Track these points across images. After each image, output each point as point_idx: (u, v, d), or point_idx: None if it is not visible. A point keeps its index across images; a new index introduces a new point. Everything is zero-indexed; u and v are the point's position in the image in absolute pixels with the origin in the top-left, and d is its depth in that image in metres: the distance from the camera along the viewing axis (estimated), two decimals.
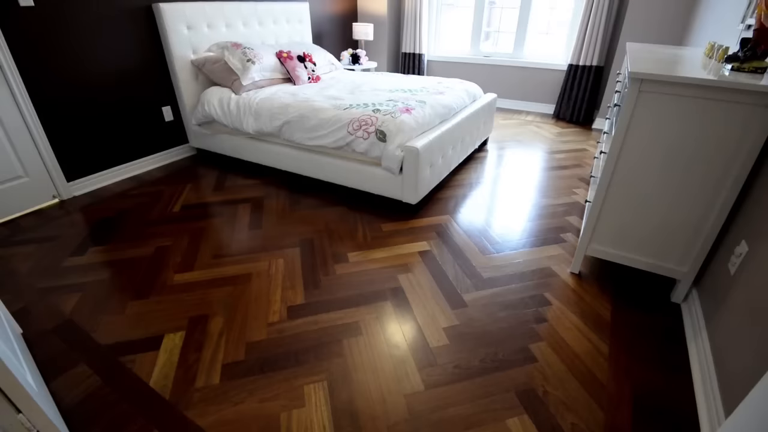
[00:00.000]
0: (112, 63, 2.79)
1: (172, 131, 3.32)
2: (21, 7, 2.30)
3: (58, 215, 2.53)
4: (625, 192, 1.68)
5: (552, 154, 3.55)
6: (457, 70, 5.23)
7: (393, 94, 2.93)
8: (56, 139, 2.61)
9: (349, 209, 2.57)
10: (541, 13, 4.58)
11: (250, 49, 3.11)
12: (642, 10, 3.68)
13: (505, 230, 2.35)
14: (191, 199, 2.71)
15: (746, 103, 1.36)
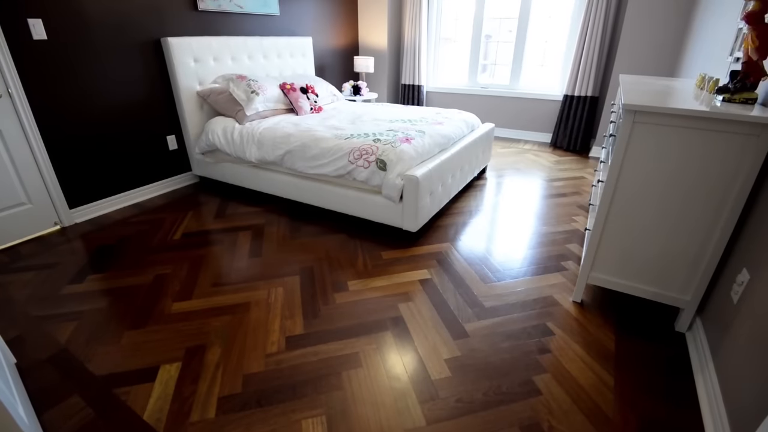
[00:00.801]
0: (120, 94, 2.87)
1: (175, 159, 3.38)
2: (34, 40, 2.39)
3: (58, 242, 2.53)
4: (624, 220, 1.69)
5: (550, 181, 3.59)
6: (455, 101, 5.37)
7: (393, 124, 2.99)
8: (61, 167, 2.65)
9: (349, 237, 2.57)
10: (535, 46, 4.75)
11: (254, 81, 3.20)
12: (633, 43, 3.81)
13: (506, 258, 2.34)
14: (192, 226, 2.72)
15: (739, 133, 1.39)
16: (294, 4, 4.16)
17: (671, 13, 3.58)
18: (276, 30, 4.02)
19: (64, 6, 2.47)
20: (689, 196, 1.53)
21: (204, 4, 3.24)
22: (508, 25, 4.81)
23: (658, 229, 1.64)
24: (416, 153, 2.47)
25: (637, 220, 1.66)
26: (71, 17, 2.52)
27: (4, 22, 2.25)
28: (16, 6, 2.28)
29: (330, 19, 4.75)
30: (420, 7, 4.95)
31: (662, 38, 3.68)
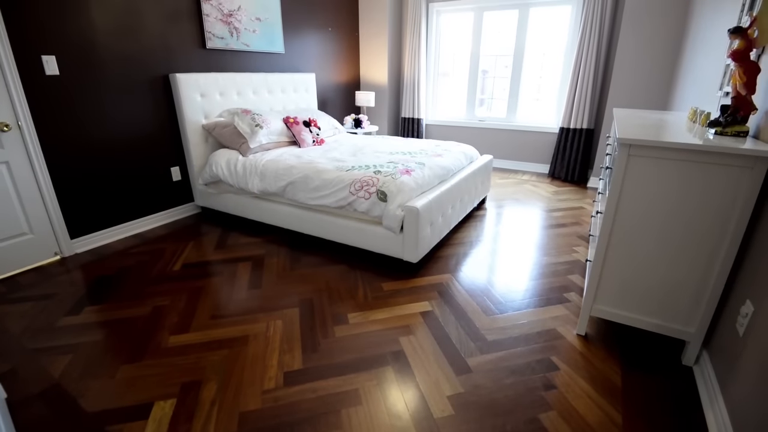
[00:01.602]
0: (127, 127, 2.95)
1: (178, 190, 3.42)
2: (47, 76, 2.48)
3: (57, 272, 2.52)
4: (625, 252, 1.69)
5: (550, 212, 3.61)
6: (453, 134, 5.49)
7: (393, 156, 3.05)
8: (65, 198, 2.68)
9: (349, 268, 2.56)
10: (531, 81, 4.91)
11: (258, 115, 3.29)
12: (625, 78, 3.95)
13: (508, 290, 2.32)
14: (192, 257, 2.72)
15: (733, 165, 1.41)
16: (298, 42, 4.34)
17: (660, 50, 3.72)
18: (281, 67, 4.17)
19: (78, 43, 2.58)
20: (688, 227, 1.54)
21: (212, 43, 3.38)
22: (503, 61, 4.99)
23: (658, 261, 1.63)
24: (416, 184, 2.50)
25: (638, 252, 1.66)
26: (84, 54, 2.62)
27: (19, 58, 2.34)
28: (32, 43, 2.38)
29: (332, 56, 4.94)
30: (419, 44, 5.16)
31: (653, 73, 3.81)
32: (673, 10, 3.58)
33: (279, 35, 4.03)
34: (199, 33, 3.30)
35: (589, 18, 4.07)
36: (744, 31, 1.54)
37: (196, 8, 3.23)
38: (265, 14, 3.82)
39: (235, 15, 3.53)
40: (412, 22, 5.12)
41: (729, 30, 1.57)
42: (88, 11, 2.60)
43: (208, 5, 3.28)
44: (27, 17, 2.34)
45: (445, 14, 5.21)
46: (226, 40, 3.50)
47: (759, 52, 1.69)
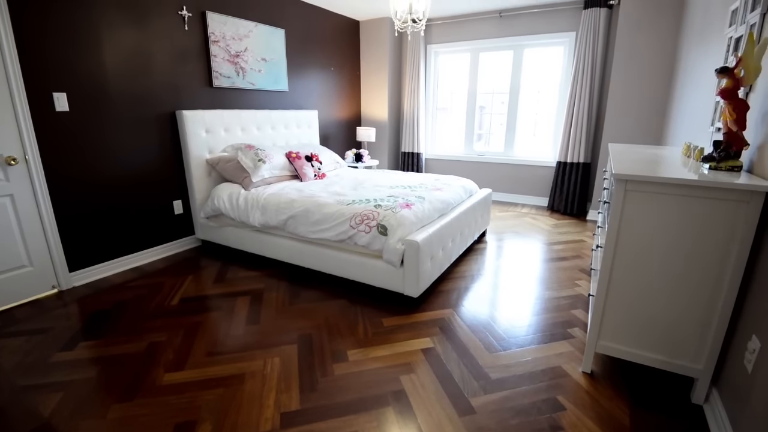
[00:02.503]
0: (132, 162, 3.01)
1: (180, 224, 3.43)
2: (57, 112, 2.56)
3: (54, 306, 2.49)
4: (627, 287, 1.68)
5: (550, 245, 3.61)
6: (453, 168, 5.57)
7: (393, 190, 3.09)
8: (66, 231, 2.69)
9: (349, 302, 2.53)
10: (527, 117, 5.04)
11: (262, 150, 3.37)
12: (619, 114, 4.06)
13: (511, 325, 2.28)
14: (191, 291, 2.69)
15: (730, 200, 1.43)
16: (302, 81, 4.50)
17: (651, 87, 3.85)
18: (284, 104, 4.30)
19: (89, 81, 2.68)
20: (689, 261, 1.54)
21: (218, 82, 3.51)
22: (500, 98, 5.15)
23: (661, 295, 1.62)
24: (416, 218, 2.52)
25: (640, 287, 1.65)
26: (94, 92, 2.72)
27: (31, 94, 2.42)
28: (44, 80, 2.48)
29: (335, 94, 5.10)
30: (418, 82, 5.35)
31: (646, 109, 3.92)
32: (662, 50, 3.74)
33: (283, 74, 4.18)
34: (206, 72, 3.43)
35: (580, 58, 4.24)
36: (731, 70, 1.60)
37: (204, 49, 3.38)
38: (271, 55, 3.99)
39: (241, 56, 3.68)
40: (412, 62, 5.33)
41: (716, 70, 1.64)
42: (101, 51, 2.72)
43: (216, 47, 3.44)
44: (41, 55, 2.45)
45: (442, 55, 5.44)
46: (233, 79, 3.63)
47: (747, 90, 1.75)
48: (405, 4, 2.61)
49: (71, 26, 2.55)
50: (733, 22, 2.07)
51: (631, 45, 3.87)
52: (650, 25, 3.76)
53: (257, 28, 3.79)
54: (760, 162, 1.53)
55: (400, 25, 2.73)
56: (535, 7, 4.53)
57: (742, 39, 1.85)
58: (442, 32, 5.23)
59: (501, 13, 4.72)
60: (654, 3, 3.70)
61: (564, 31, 4.48)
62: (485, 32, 4.94)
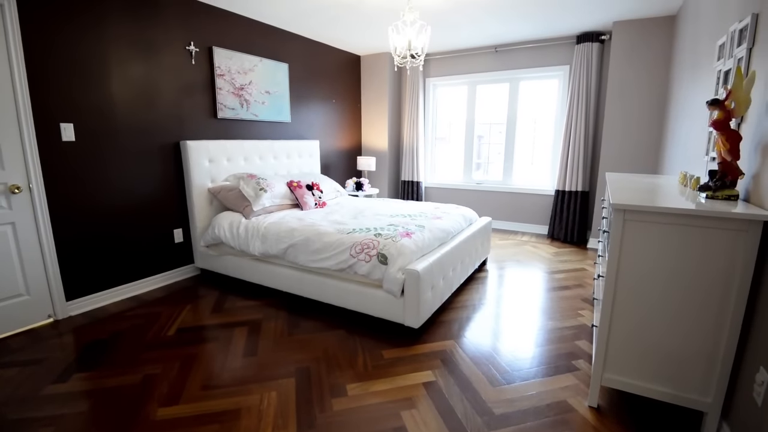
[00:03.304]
0: (135, 191, 3.04)
1: (179, 252, 3.43)
2: (63, 142, 2.61)
3: (49, 335, 2.45)
4: (630, 317, 1.65)
5: (552, 274, 3.58)
6: (452, 196, 5.62)
7: (393, 219, 3.10)
8: (65, 260, 2.69)
9: (349, 333, 2.49)
10: (524, 147, 5.12)
11: (263, 179, 3.41)
12: (614, 144, 4.13)
13: (514, 357, 2.23)
14: (188, 321, 2.65)
15: (729, 229, 1.43)
16: (304, 112, 4.62)
17: (645, 118, 3.94)
18: (287, 134, 4.39)
19: (96, 113, 2.75)
20: (691, 292, 1.52)
21: (223, 113, 3.60)
22: (497, 128, 5.26)
23: (666, 326, 1.59)
24: (417, 247, 2.51)
25: (644, 317, 1.63)
26: (101, 123, 2.78)
27: (39, 125, 2.48)
28: (53, 111, 2.54)
29: (336, 125, 5.22)
30: (417, 113, 5.47)
31: (641, 139, 4.00)
32: (654, 82, 3.85)
33: (286, 106, 4.29)
34: (211, 104, 3.52)
35: (575, 90, 4.36)
36: (722, 102, 1.65)
37: (210, 82, 3.49)
38: (275, 88, 4.11)
39: (246, 88, 3.79)
40: (411, 94, 5.48)
41: (707, 102, 1.68)
42: (110, 84, 2.81)
43: (221, 80, 3.55)
44: (52, 87, 2.52)
45: (441, 87, 5.60)
46: (237, 110, 3.73)
47: (738, 121, 1.79)
48: (404, 40, 2.71)
49: (83, 60, 2.64)
50: (721, 56, 2.14)
51: (623, 77, 4.00)
52: (641, 59, 3.89)
53: (262, 63, 3.93)
54: (756, 191, 1.55)
55: (400, 60, 2.83)
56: (528, 42, 4.71)
57: (731, 72, 1.91)
58: (440, 66, 5.41)
59: (496, 49, 4.90)
60: (644, 38, 3.85)
61: (558, 65, 4.63)
62: (482, 66, 5.11)
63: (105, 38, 2.75)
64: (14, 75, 2.34)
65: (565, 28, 4.18)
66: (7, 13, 2.28)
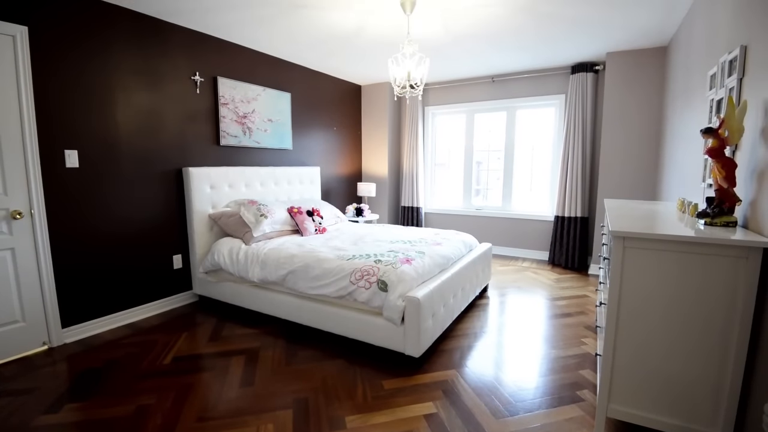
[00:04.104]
0: (136, 217, 3.05)
1: (178, 278, 3.40)
2: (66, 168, 2.64)
3: (43, 363, 2.40)
4: (634, 346, 1.62)
5: (553, 300, 3.54)
6: (452, 222, 5.63)
7: (393, 245, 3.10)
8: (62, 286, 2.67)
9: (348, 363, 2.43)
10: (523, 173, 5.18)
11: (264, 205, 3.43)
12: (612, 170, 4.17)
13: (517, 387, 2.18)
14: (184, 349, 2.60)
15: (729, 256, 1.43)
16: (306, 139, 4.70)
17: (641, 145, 4.00)
18: (288, 161, 4.45)
19: (101, 140, 2.80)
20: (694, 320, 1.50)
21: (225, 141, 3.66)
22: (496, 154, 5.33)
23: (671, 356, 1.56)
24: (417, 274, 2.50)
25: (648, 346, 1.60)
26: (105, 150, 2.83)
27: (43, 151, 2.52)
28: (58, 138, 2.59)
29: (337, 151, 5.30)
30: (416, 140, 5.57)
31: (638, 166, 4.04)
32: (649, 110, 3.94)
33: (288, 134, 4.37)
34: (214, 132, 3.59)
35: (571, 118, 4.45)
36: (715, 131, 1.68)
37: (214, 111, 3.57)
38: (277, 116, 4.20)
39: (249, 117, 3.88)
40: (410, 122, 5.59)
41: (701, 130, 1.71)
42: (115, 112, 2.87)
43: (225, 108, 3.63)
44: (57, 115, 2.58)
45: (439, 115, 5.72)
46: (239, 138, 3.79)
47: (733, 149, 1.81)
48: (403, 72, 2.79)
49: (89, 88, 2.71)
50: (712, 85, 2.18)
51: (618, 106, 4.09)
52: (635, 88, 3.99)
53: (265, 92, 4.03)
54: (754, 217, 1.56)
55: (399, 90, 2.90)
56: (524, 72, 4.84)
57: (723, 101, 1.95)
58: (438, 95, 5.55)
59: (493, 79, 5.04)
60: (637, 68, 3.96)
61: (554, 94, 4.75)
62: (479, 95, 5.23)
63: (112, 67, 2.84)
64: (22, 103, 2.40)
65: (560, 59, 4.31)
66: (18, 44, 2.37)
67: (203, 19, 3.14)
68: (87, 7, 2.67)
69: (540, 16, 3.08)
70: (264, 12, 3.00)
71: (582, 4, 2.86)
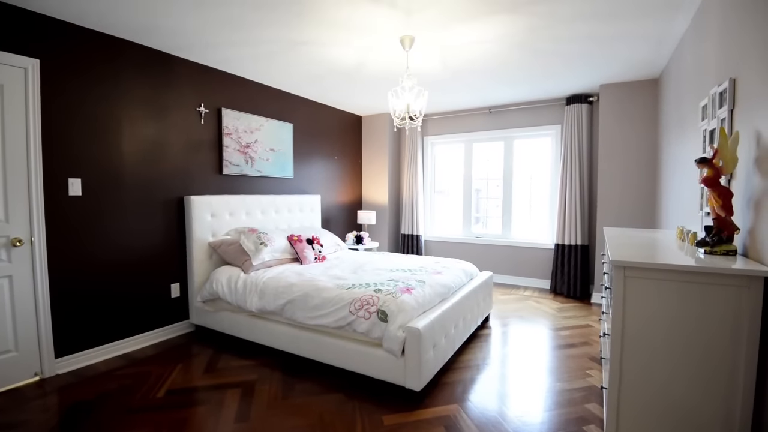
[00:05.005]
0: (135, 245, 3.05)
1: (175, 307, 3.36)
2: (69, 196, 2.66)
3: (33, 396, 2.34)
4: (640, 380, 1.58)
5: (557, 330, 3.48)
6: (452, 249, 5.61)
7: (394, 273, 3.07)
8: (58, 315, 2.63)
9: (347, 397, 2.36)
10: (522, 201, 5.21)
11: (264, 233, 3.43)
12: (610, 199, 4.20)
13: (522, 422, 2.10)
14: (179, 382, 2.53)
15: (731, 285, 1.41)
16: (306, 168, 4.76)
17: (638, 174, 4.05)
18: (289, 189, 4.50)
19: (105, 169, 2.84)
20: (700, 351, 1.47)
21: (227, 170, 3.71)
22: (494, 182, 5.39)
23: (679, 389, 1.51)
24: (417, 303, 2.47)
25: (655, 379, 1.55)
26: (108, 178, 2.86)
27: (47, 179, 2.55)
28: (62, 166, 2.63)
29: (337, 180, 5.36)
30: (416, 168, 5.64)
31: (636, 194, 4.07)
32: (644, 139, 4.01)
33: (290, 163, 4.44)
34: (217, 161, 3.65)
35: (567, 148, 4.52)
36: (710, 160, 1.70)
37: (217, 141, 3.64)
38: (279, 146, 4.28)
39: (252, 146, 3.95)
40: (410, 151, 5.68)
41: (696, 160, 1.73)
42: (120, 141, 2.93)
43: (228, 138, 3.70)
44: (63, 143, 2.62)
45: (438, 145, 5.82)
46: (241, 167, 3.85)
47: (728, 178, 1.83)
48: (403, 104, 2.87)
49: (95, 118, 2.78)
50: (704, 116, 2.23)
51: (613, 136, 4.16)
52: (629, 118, 4.08)
53: (268, 123, 4.12)
54: (754, 246, 1.55)
55: (399, 122, 2.97)
56: (521, 104, 4.97)
57: (716, 131, 1.99)
58: (437, 126, 5.67)
59: (490, 110, 5.16)
60: (630, 99, 4.07)
61: (550, 124, 4.85)
62: (477, 126, 5.35)
63: (120, 97, 2.91)
64: (29, 132, 2.45)
65: (555, 90, 4.43)
66: (30, 76, 2.44)
67: (208, 54, 3.26)
68: (97, 40, 2.77)
69: (534, 52, 3.19)
70: (264, 49, 3.12)
71: (574, 41, 2.98)
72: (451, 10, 2.48)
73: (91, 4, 2.39)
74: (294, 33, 2.81)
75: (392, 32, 2.79)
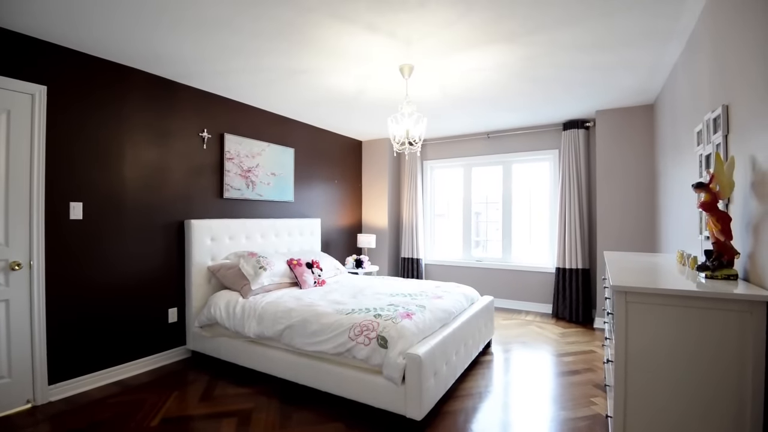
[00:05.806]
0: (134, 269, 3.03)
1: (172, 333, 3.31)
2: (70, 220, 2.67)
3: (24, 424, 2.28)
4: (646, 408, 1.54)
5: (560, 356, 3.41)
6: (452, 273, 5.57)
7: (393, 298, 3.04)
8: (53, 341, 2.59)
9: (346, 427, 2.29)
10: (521, 225, 5.21)
11: (263, 257, 3.42)
12: (609, 223, 4.20)
13: None
14: (173, 410, 2.47)
15: (733, 310, 1.40)
16: (307, 192, 4.80)
17: (637, 199, 4.07)
18: (289, 213, 4.51)
19: (106, 193, 2.86)
20: (704, 377, 1.44)
21: (228, 194, 3.74)
22: (494, 206, 5.41)
23: (686, 417, 1.47)
24: (417, 329, 2.43)
25: (661, 407, 1.51)
26: (109, 202, 2.88)
27: (49, 203, 2.56)
28: (64, 191, 2.65)
29: (337, 203, 5.39)
30: (416, 192, 5.67)
31: (635, 218, 4.08)
32: (641, 164, 4.05)
33: (290, 187, 4.47)
34: (218, 185, 3.68)
35: (565, 172, 4.57)
36: (706, 185, 1.71)
37: (219, 165, 3.68)
38: (280, 170, 4.33)
39: (253, 171, 3.99)
40: (409, 175, 5.73)
41: (693, 185, 1.74)
42: (122, 166, 2.96)
43: (230, 163, 3.75)
44: (66, 167, 2.65)
45: (438, 169, 5.88)
46: (242, 191, 3.88)
47: (726, 202, 1.84)
48: (402, 130, 2.92)
49: (98, 143, 2.82)
50: (700, 141, 2.26)
51: (610, 161, 4.21)
52: (626, 143, 4.14)
53: (269, 147, 4.18)
54: (754, 270, 1.55)
55: (398, 147, 3.02)
56: (518, 129, 5.06)
57: (711, 156, 2.01)
58: (436, 150, 5.75)
59: (488, 135, 5.25)
60: (626, 124, 4.14)
61: (547, 149, 4.92)
62: (475, 150, 5.42)
63: (123, 122, 2.96)
64: (33, 156, 2.49)
65: (552, 116, 4.52)
66: (37, 103, 2.50)
67: (209, 81, 3.34)
68: (100, 67, 2.83)
69: (531, 80, 3.28)
70: (263, 76, 3.21)
71: (570, 70, 3.06)
72: (450, 40, 2.56)
73: (92, 32, 2.44)
74: (293, 61, 2.89)
75: (391, 61, 2.87)
